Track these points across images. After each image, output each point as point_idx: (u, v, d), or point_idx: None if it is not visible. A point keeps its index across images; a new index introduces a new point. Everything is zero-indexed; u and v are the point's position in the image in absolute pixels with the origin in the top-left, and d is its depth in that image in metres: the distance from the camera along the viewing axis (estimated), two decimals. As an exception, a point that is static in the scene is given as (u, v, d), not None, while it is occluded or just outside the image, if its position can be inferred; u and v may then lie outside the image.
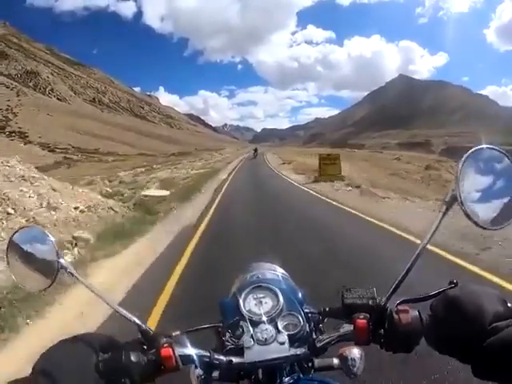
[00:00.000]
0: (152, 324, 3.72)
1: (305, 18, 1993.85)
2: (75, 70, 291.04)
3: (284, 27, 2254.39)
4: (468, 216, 0.67)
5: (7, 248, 0.84)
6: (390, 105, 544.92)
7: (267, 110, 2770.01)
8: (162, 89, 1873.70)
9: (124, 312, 0.79)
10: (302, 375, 0.84)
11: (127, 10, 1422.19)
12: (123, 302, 4.45)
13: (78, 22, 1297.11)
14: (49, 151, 70.24)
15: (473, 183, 0.69)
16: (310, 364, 0.86)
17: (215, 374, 0.82)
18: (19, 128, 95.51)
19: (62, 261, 0.80)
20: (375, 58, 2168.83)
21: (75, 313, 4.20)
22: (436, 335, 0.69)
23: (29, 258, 0.84)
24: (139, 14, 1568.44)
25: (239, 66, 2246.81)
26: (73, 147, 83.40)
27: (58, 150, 72.94)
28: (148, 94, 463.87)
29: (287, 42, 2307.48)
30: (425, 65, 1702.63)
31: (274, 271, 1.09)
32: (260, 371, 0.81)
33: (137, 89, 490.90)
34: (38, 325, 4.07)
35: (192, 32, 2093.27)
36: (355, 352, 0.83)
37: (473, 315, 0.63)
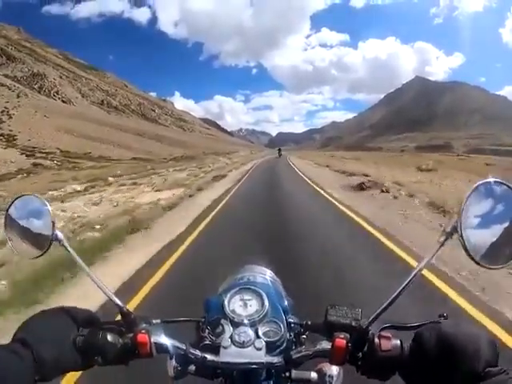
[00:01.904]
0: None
1: (319, 21, 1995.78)
2: (87, 74, 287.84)
3: (298, 31, 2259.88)
4: (466, 250, 0.66)
5: (6, 213, 0.85)
6: (406, 107, 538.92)
7: (283, 114, 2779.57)
8: (177, 94, 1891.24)
9: (109, 293, 0.79)
10: None
11: (142, 16, 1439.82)
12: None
13: (94, 29, 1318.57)
14: (26, 156, 63.17)
15: (476, 217, 0.67)
16: (287, 374, 0.84)
17: (191, 367, 0.83)
18: (10, 131, 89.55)
19: (56, 232, 0.80)
20: (390, 59, 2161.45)
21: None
22: (414, 369, 0.66)
23: (26, 226, 0.85)
24: (154, 19, 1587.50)
25: (254, 71, 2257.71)
26: (61, 151, 76.60)
27: (37, 155, 65.99)
28: (163, 98, 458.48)
29: (301, 45, 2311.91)
30: (441, 66, 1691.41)
31: (266, 276, 1.08)
32: (235, 373, 0.81)
33: (153, 94, 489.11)
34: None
35: (206, 37, 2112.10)
36: (333, 369, 0.84)
37: (465, 355, 0.60)
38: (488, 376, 0.58)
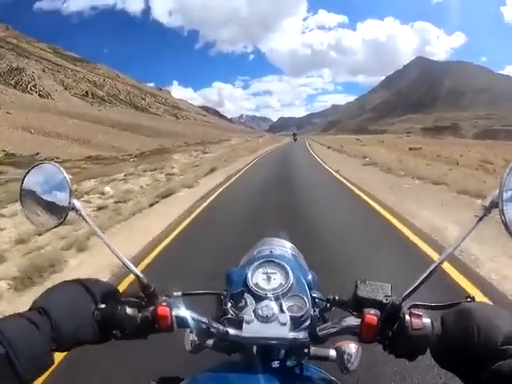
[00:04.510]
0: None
1: (315, 2, 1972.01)
2: (76, 66, 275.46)
3: (295, 13, 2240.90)
4: (506, 225, 0.63)
5: (22, 183, 0.83)
6: (408, 88, 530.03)
7: (283, 98, 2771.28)
8: (175, 83, 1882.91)
9: (128, 263, 0.77)
10: (293, 360, 0.81)
11: (135, 6, 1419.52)
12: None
13: (87, 23, 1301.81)
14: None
15: None
16: (305, 351, 0.81)
17: (209, 342, 0.81)
18: (-41, 132, 78.10)
19: (74, 201, 0.79)
20: (390, 40, 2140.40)
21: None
22: (443, 348, 0.65)
23: (42, 195, 0.83)
24: (147, 9, 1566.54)
25: (252, 56, 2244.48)
26: (6, 154, 65.51)
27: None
28: (159, 88, 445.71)
29: (299, 28, 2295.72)
30: (441, 46, 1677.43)
31: (287, 249, 1.05)
32: (255, 348, 0.77)
33: (150, 84, 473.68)
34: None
35: (202, 24, 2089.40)
36: (352, 347, 0.80)
37: (485, 333, 0.59)
38: (507, 354, 0.57)
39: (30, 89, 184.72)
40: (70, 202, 0.79)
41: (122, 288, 0.80)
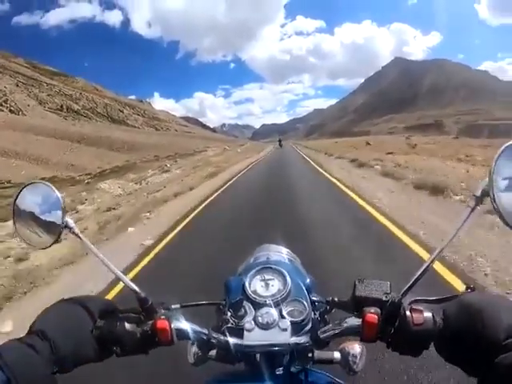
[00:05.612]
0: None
1: (293, 9, 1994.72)
2: (53, 80, 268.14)
3: (273, 21, 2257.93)
4: (499, 213, 0.62)
5: (14, 203, 0.83)
6: (389, 89, 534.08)
7: (264, 106, 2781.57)
8: (156, 95, 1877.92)
9: (125, 279, 0.77)
10: (297, 366, 0.80)
11: (114, 18, 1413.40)
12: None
13: (66, 36, 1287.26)
14: None
15: (507, 179, 0.63)
16: (309, 355, 0.79)
17: (212, 353, 0.80)
18: None
19: (67, 220, 0.78)
20: (368, 43, 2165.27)
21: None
22: (446, 342, 0.64)
23: (35, 215, 0.82)
24: (126, 21, 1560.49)
25: (232, 65, 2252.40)
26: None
27: None
28: (140, 100, 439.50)
29: (277, 35, 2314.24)
30: (418, 45, 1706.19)
31: (283, 254, 1.05)
32: (258, 356, 0.76)
33: (132, 97, 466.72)
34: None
35: (181, 34, 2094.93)
36: (356, 348, 0.80)
37: (488, 326, 0.59)
38: (510, 347, 0.56)
39: (1, 105, 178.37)
40: (63, 221, 0.78)
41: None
